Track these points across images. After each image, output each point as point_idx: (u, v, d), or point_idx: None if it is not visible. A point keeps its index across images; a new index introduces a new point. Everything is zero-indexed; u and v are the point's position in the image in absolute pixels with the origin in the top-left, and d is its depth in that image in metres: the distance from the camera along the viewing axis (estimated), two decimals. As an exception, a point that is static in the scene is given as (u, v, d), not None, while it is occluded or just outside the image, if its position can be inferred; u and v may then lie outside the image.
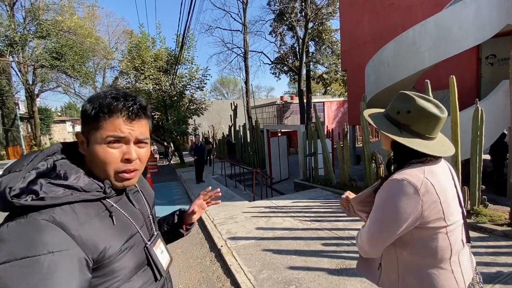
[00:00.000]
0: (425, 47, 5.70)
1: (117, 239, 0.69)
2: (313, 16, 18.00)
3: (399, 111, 0.96)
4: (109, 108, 0.69)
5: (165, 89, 13.37)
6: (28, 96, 17.08)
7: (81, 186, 0.65)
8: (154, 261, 0.79)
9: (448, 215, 0.88)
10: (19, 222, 0.57)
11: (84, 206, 0.65)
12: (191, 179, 9.07)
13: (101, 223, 0.67)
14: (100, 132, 0.69)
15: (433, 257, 0.90)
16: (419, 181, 0.86)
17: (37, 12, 14.84)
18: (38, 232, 0.56)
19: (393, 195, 0.89)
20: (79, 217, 0.62)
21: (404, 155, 0.96)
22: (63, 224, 0.59)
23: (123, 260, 0.69)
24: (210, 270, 3.23)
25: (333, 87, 27.17)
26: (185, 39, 10.06)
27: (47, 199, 0.59)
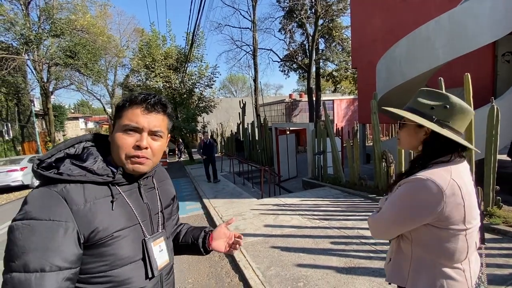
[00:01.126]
0: (440, 44, 5.56)
1: (112, 224, 0.73)
2: (323, 12, 17.78)
3: (433, 107, 0.93)
4: (131, 100, 0.79)
5: (175, 87, 13.52)
6: (43, 94, 17.57)
7: (94, 169, 0.75)
8: (149, 256, 0.78)
9: (469, 219, 0.87)
10: (40, 190, 0.69)
11: (94, 187, 0.74)
12: (200, 176, 9.17)
13: (103, 206, 0.73)
14: (121, 120, 0.79)
15: (449, 258, 0.89)
16: (445, 182, 0.84)
17: (51, 11, 15.19)
18: (48, 200, 0.67)
19: (415, 192, 0.88)
20: (86, 196, 0.71)
21: (432, 154, 0.94)
22: (69, 198, 0.68)
23: (114, 246, 0.72)
24: (218, 265, 3.28)
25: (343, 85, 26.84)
26: (195, 37, 10.12)
27: (64, 175, 0.71)
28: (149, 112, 0.78)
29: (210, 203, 5.73)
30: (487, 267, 2.67)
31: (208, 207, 5.41)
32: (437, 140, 0.92)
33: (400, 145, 1.06)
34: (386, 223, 0.97)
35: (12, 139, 16.73)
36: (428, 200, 0.85)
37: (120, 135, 0.77)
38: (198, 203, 6.17)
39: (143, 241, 0.79)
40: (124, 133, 0.77)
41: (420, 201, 0.87)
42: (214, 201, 5.88)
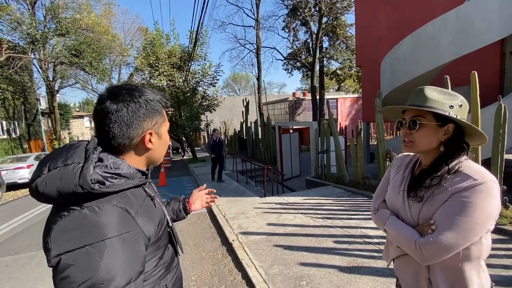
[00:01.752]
0: (446, 42, 5.49)
1: (158, 222, 0.80)
2: (327, 10, 17.64)
3: (452, 105, 0.89)
4: (165, 102, 0.82)
5: (179, 86, 13.56)
6: (49, 92, 17.77)
7: (130, 174, 0.73)
8: (176, 238, 0.92)
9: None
10: (91, 209, 0.63)
11: (133, 192, 0.75)
12: (203, 174, 9.20)
13: (147, 208, 0.77)
14: (167, 122, 0.84)
15: (484, 255, 0.89)
16: (497, 182, 0.84)
17: (57, 11, 15.32)
18: (111, 215, 0.64)
19: (489, 198, 0.80)
20: (136, 202, 0.73)
21: (455, 153, 0.90)
22: (127, 208, 0.68)
23: (162, 238, 0.82)
24: (221, 263, 3.28)
25: (347, 83, 26.66)
26: (198, 36, 10.12)
27: (111, 186, 0.67)
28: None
29: (213, 201, 5.75)
30: (493, 267, 2.64)
31: (211, 206, 5.42)
32: (460, 139, 0.91)
33: (413, 148, 0.93)
34: (459, 239, 0.80)
35: (19, 137, 16.95)
36: (497, 204, 0.82)
37: (167, 135, 0.85)
38: (201, 201, 6.19)
39: (169, 228, 0.89)
40: (168, 132, 0.86)
41: (493, 206, 0.81)
42: (217, 199, 5.89)
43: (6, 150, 15.33)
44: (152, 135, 0.78)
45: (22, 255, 3.95)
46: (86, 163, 0.66)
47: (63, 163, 0.66)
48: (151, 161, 0.84)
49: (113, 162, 0.71)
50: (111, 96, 0.72)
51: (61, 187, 0.63)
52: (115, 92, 0.73)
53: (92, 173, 0.64)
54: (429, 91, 0.92)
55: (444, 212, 0.83)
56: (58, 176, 0.64)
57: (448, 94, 0.93)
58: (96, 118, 0.74)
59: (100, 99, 0.73)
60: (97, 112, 0.73)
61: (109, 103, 0.71)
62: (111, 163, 0.70)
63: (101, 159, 0.69)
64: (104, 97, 0.73)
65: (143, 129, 0.75)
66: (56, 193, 0.63)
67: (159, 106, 0.79)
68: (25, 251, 4.06)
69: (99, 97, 0.75)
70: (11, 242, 4.55)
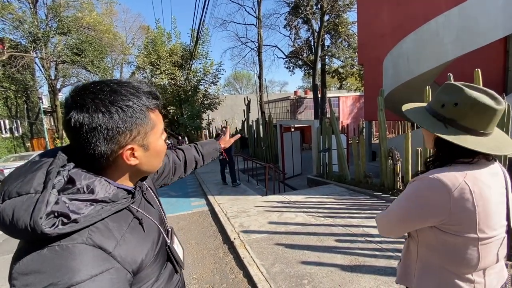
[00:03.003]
0: (449, 39, 5.44)
1: (150, 248, 0.67)
2: (329, 8, 17.56)
3: (444, 104, 0.85)
4: (155, 104, 0.66)
5: (180, 84, 13.58)
6: (51, 91, 17.84)
7: (109, 197, 0.59)
8: (175, 258, 0.79)
9: (483, 227, 0.79)
10: (52, 249, 0.51)
11: (114, 218, 0.60)
12: (204, 173, 9.21)
13: (134, 234, 0.63)
14: (157, 127, 0.67)
15: (455, 265, 0.84)
16: (454, 184, 0.78)
17: (58, 9, 15.36)
18: (78, 257, 0.52)
19: (421, 190, 0.84)
20: (114, 234, 0.58)
21: (448, 154, 0.86)
22: (101, 245, 0.55)
23: (155, 264, 0.69)
24: (223, 262, 3.29)
25: (349, 82, 26.57)
26: (199, 34, 10.11)
27: (80, 221, 0.53)
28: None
29: (215, 199, 5.75)
30: None
31: (213, 204, 5.43)
32: (445, 141, 0.85)
33: (426, 145, 1.02)
34: (391, 221, 0.95)
35: (21, 135, 17.06)
36: (433, 200, 0.80)
37: (162, 142, 0.70)
38: (203, 199, 6.21)
39: (167, 248, 0.77)
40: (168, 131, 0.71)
41: (425, 200, 0.82)
42: (218, 197, 5.91)
43: (9, 149, 15.43)
44: (134, 149, 0.63)
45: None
46: (43, 194, 0.51)
47: (16, 192, 0.52)
48: (142, 174, 0.71)
49: (88, 184, 0.57)
50: (75, 104, 0.57)
51: (14, 225, 0.50)
52: (79, 97, 0.57)
53: (52, 206, 0.51)
54: (441, 88, 0.89)
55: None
56: (11, 209, 0.51)
57: (450, 90, 0.85)
58: (64, 130, 0.60)
59: (65, 106, 0.58)
60: (63, 123, 0.60)
61: (73, 113, 0.56)
62: (84, 186, 0.56)
63: (72, 181, 0.56)
64: (69, 103, 0.58)
65: (120, 144, 0.60)
66: (10, 230, 0.51)
67: (142, 112, 0.62)
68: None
69: (65, 101, 0.59)
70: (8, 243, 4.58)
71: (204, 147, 1.29)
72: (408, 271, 0.97)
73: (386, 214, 0.97)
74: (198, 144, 1.30)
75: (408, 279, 0.97)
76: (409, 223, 0.89)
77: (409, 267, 0.97)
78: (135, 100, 0.61)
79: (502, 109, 0.80)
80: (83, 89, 0.59)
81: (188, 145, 1.29)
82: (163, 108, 0.83)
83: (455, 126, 0.84)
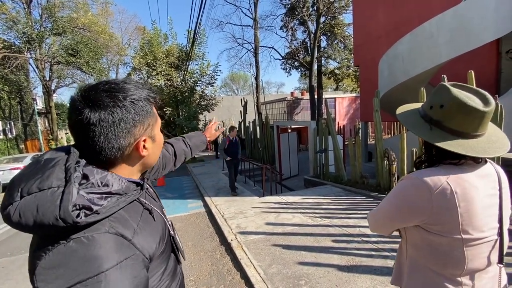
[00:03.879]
0: (443, 41, 5.51)
1: (161, 236, 0.72)
2: (325, 10, 17.67)
3: (432, 106, 0.85)
4: (153, 97, 0.70)
5: (177, 85, 13.53)
6: (45, 92, 17.65)
7: (122, 189, 0.62)
8: (177, 247, 0.84)
9: (467, 228, 0.78)
10: (78, 241, 0.53)
11: (128, 208, 0.64)
12: (201, 174, 9.18)
13: (146, 223, 0.67)
14: (158, 120, 0.73)
15: (440, 266, 0.83)
16: (436, 184, 0.78)
17: (53, 10, 15.22)
18: (104, 246, 0.54)
19: (404, 189, 0.86)
20: (132, 223, 0.62)
21: (435, 155, 0.87)
22: (122, 233, 0.58)
23: (163, 254, 0.73)
24: (220, 263, 3.28)
25: (345, 83, 26.73)
26: (196, 35, 10.10)
27: (101, 211, 0.56)
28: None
29: (212, 201, 5.74)
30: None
31: (210, 205, 5.41)
32: (427, 143, 0.86)
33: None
34: (379, 218, 0.97)
35: (15, 137, 16.84)
36: (415, 199, 0.82)
37: (160, 133, 0.75)
38: (200, 201, 6.19)
39: (171, 238, 0.81)
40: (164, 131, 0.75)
41: (408, 199, 0.84)
42: (215, 199, 5.89)
43: (2, 151, 15.21)
44: (146, 141, 0.67)
45: (19, 256, 3.93)
46: (68, 187, 0.54)
47: (38, 188, 0.54)
48: (146, 167, 0.75)
49: (101, 178, 0.59)
50: (89, 103, 0.58)
51: (39, 219, 0.51)
52: (92, 96, 0.59)
53: (76, 198, 0.53)
54: (434, 88, 0.89)
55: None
56: (34, 204, 0.52)
57: (438, 92, 0.85)
58: (75, 130, 0.61)
59: (75, 107, 0.59)
60: (75, 124, 0.60)
61: (89, 112, 0.58)
62: (98, 180, 0.59)
63: (86, 176, 0.58)
64: (79, 103, 0.59)
65: (135, 136, 0.64)
66: (34, 225, 0.52)
67: (148, 104, 0.67)
68: (21, 252, 4.04)
69: (71, 102, 0.60)
70: (8, 243, 4.51)
71: (191, 140, 1.34)
72: (401, 271, 0.98)
73: (376, 211, 0.99)
74: (186, 137, 1.33)
75: (401, 279, 0.97)
76: (395, 220, 0.91)
77: (402, 267, 0.97)
78: (142, 94, 0.65)
79: (489, 110, 0.78)
80: (93, 89, 0.61)
81: (176, 138, 1.31)
82: (160, 109, 0.86)
83: (441, 128, 0.83)
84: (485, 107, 0.78)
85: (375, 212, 1.00)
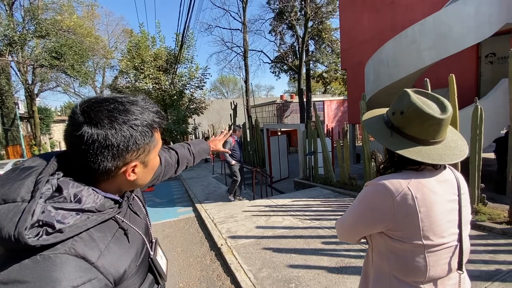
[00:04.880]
0: (425, 46, 5.70)
1: (133, 258, 0.67)
2: (312, 14, 17.98)
3: (394, 112, 0.86)
4: (160, 122, 0.68)
5: (165, 88, 13.39)
6: (28, 96, 17.07)
7: (96, 207, 0.59)
8: (157, 270, 0.78)
9: (428, 234, 0.78)
10: (34, 260, 0.50)
11: (99, 228, 0.60)
12: (190, 179, 9.08)
13: (118, 245, 0.63)
14: (158, 144, 0.69)
15: (402, 273, 0.83)
16: (397, 190, 0.79)
17: (36, 12, 14.81)
18: (60, 268, 0.51)
19: (368, 196, 0.86)
20: (99, 244, 0.58)
21: (397, 161, 0.88)
22: (84, 255, 0.54)
23: (136, 275, 0.68)
24: (210, 268, 3.24)
25: (333, 86, 27.19)
26: (184, 38, 10.05)
27: (65, 231, 0.52)
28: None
29: (202, 205, 5.67)
30: (474, 263, 2.74)
31: (200, 210, 5.35)
32: (388, 149, 0.87)
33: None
34: (346, 226, 0.95)
35: (-5, 143, 16.17)
36: (378, 205, 0.81)
37: (157, 157, 0.73)
38: (189, 205, 6.10)
39: (150, 260, 0.76)
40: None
41: (371, 205, 0.84)
42: (205, 203, 5.83)
43: (-18, 157, 14.57)
44: (136, 166, 0.65)
45: None
46: (30, 204, 0.50)
47: (2, 199, 0.51)
48: (132, 188, 0.71)
49: (75, 192, 0.57)
50: (87, 118, 0.57)
51: None
52: (93, 113, 0.57)
53: (39, 214, 0.50)
54: (400, 94, 0.89)
55: None
56: None
57: (401, 98, 0.85)
58: (68, 142, 0.59)
59: (74, 121, 0.58)
60: (69, 137, 0.58)
61: (86, 128, 0.56)
62: (71, 195, 0.56)
63: (59, 189, 0.55)
64: (78, 118, 0.57)
65: (125, 160, 0.62)
66: None
67: (150, 130, 0.64)
68: None
69: (71, 115, 0.59)
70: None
71: (195, 147, 1.30)
72: (367, 280, 0.98)
73: (342, 219, 0.98)
74: (190, 145, 1.29)
75: (366, 286, 0.97)
76: (360, 227, 0.90)
77: (368, 275, 0.97)
78: (145, 120, 0.63)
79: (445, 118, 0.79)
80: (96, 105, 0.59)
81: (180, 144, 1.27)
82: None
83: (401, 134, 0.84)
84: (442, 114, 0.79)
85: (342, 220, 0.98)
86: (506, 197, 4.29)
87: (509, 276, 2.44)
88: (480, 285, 2.35)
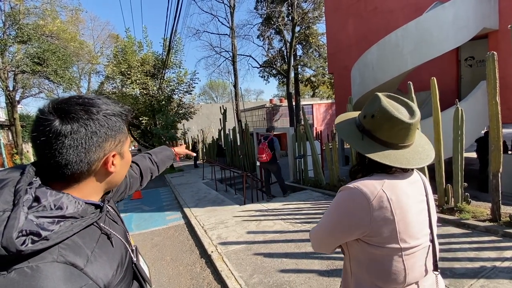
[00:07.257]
0: (407, 50, 5.88)
1: (119, 263, 0.67)
2: (299, 20, 18.27)
3: (366, 115, 0.86)
4: (126, 115, 0.70)
5: (153, 94, 13.19)
6: (9, 103, 16.45)
7: (78, 213, 0.59)
8: (142, 276, 0.78)
9: (404, 237, 0.78)
10: (21, 272, 0.48)
11: (82, 235, 0.59)
12: (180, 185, 8.94)
13: (103, 250, 0.63)
14: (128, 137, 0.73)
15: (382, 279, 0.81)
16: (373, 193, 0.78)
17: (18, 16, 14.37)
18: (51, 277, 0.49)
19: (343, 201, 0.84)
20: (85, 250, 0.58)
21: (366, 165, 0.88)
22: (73, 262, 0.54)
23: (123, 281, 0.68)
24: (200, 276, 3.18)
25: (321, 90, 27.60)
26: (172, 43, 9.97)
27: (51, 237, 0.52)
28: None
29: (191, 212, 5.59)
30: (459, 261, 2.79)
31: (189, 217, 5.27)
32: (358, 152, 0.87)
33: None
34: (321, 235, 0.91)
35: (-27, 152, 15.47)
36: (354, 210, 0.79)
37: (129, 153, 0.75)
38: (179, 212, 6.00)
39: (133, 266, 0.76)
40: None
41: (347, 211, 0.81)
42: (195, 210, 5.74)
43: (-42, 167, 13.90)
44: (115, 156, 0.66)
45: None
46: (14, 211, 0.49)
47: None
48: (111, 186, 0.72)
49: (54, 200, 0.55)
50: (61, 114, 0.57)
51: None
52: (65, 108, 0.58)
53: (23, 223, 0.49)
54: (371, 98, 0.89)
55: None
56: None
57: (372, 101, 0.86)
58: (40, 141, 0.56)
59: (43, 118, 0.56)
60: (41, 135, 0.56)
61: (59, 123, 0.56)
62: (51, 203, 0.55)
63: (37, 198, 0.54)
64: (49, 114, 0.57)
65: (105, 151, 0.63)
66: None
67: (120, 120, 0.67)
68: None
69: (39, 113, 0.58)
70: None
71: (158, 156, 1.30)
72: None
73: (316, 229, 0.94)
74: (152, 154, 1.29)
75: None
76: (337, 234, 0.87)
77: (347, 284, 0.94)
78: (115, 110, 0.66)
79: (414, 123, 0.80)
80: (66, 102, 0.60)
81: (141, 155, 1.25)
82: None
83: (371, 137, 0.84)
84: (411, 119, 0.80)
85: (317, 229, 0.93)
86: (488, 195, 4.44)
87: (493, 273, 2.51)
88: (466, 282, 2.40)
